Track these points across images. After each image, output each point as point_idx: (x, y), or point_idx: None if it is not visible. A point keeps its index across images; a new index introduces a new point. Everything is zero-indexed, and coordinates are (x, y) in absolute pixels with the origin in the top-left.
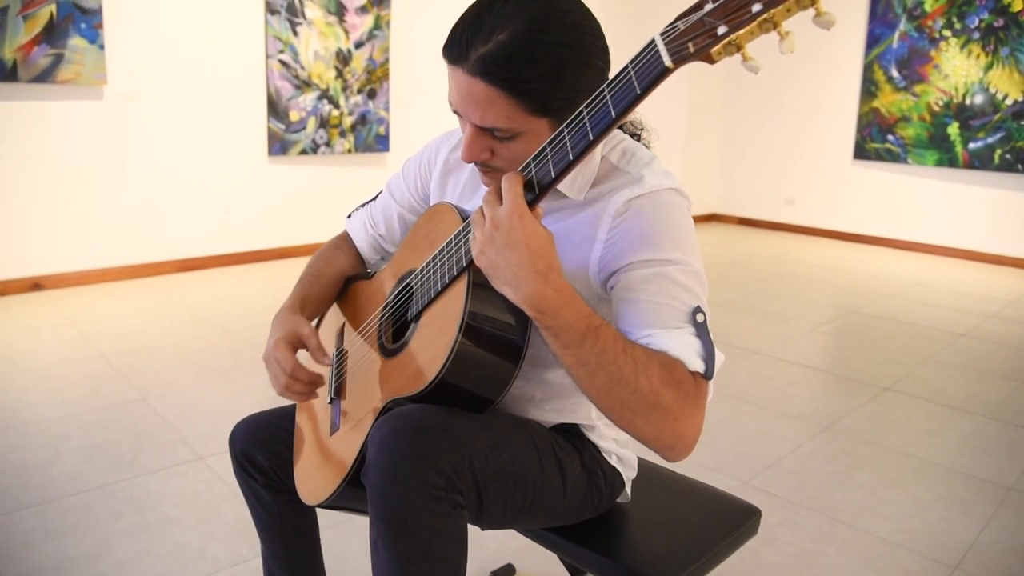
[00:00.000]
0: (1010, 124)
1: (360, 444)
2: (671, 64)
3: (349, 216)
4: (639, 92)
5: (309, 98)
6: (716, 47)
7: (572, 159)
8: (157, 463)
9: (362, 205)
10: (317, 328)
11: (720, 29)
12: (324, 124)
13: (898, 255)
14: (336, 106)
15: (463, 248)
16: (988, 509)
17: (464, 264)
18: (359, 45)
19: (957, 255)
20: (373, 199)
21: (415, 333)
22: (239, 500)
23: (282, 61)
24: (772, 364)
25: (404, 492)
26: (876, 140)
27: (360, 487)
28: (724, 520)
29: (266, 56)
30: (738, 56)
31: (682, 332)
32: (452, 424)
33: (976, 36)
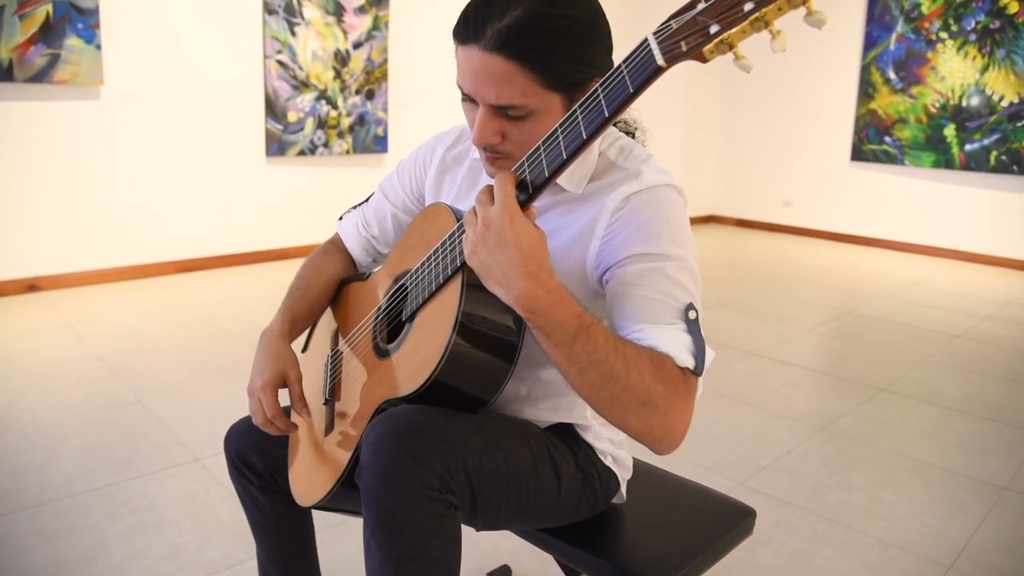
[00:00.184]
0: (1006, 126)
1: (354, 445)
2: (664, 63)
3: (340, 219)
4: (632, 91)
5: (307, 99)
6: (708, 46)
7: (566, 158)
8: (153, 465)
9: (353, 207)
10: (314, 327)
11: (712, 28)
12: (322, 125)
13: (895, 256)
14: (334, 107)
15: (457, 248)
16: (983, 509)
17: (458, 264)
18: (357, 46)
19: (954, 256)
20: (365, 201)
21: (409, 333)
22: (235, 502)
23: (280, 61)
24: (769, 365)
25: (398, 493)
26: (873, 142)
27: (354, 488)
28: (719, 520)
29: (264, 56)
30: (730, 55)
31: (674, 328)
32: (446, 425)
33: (973, 38)
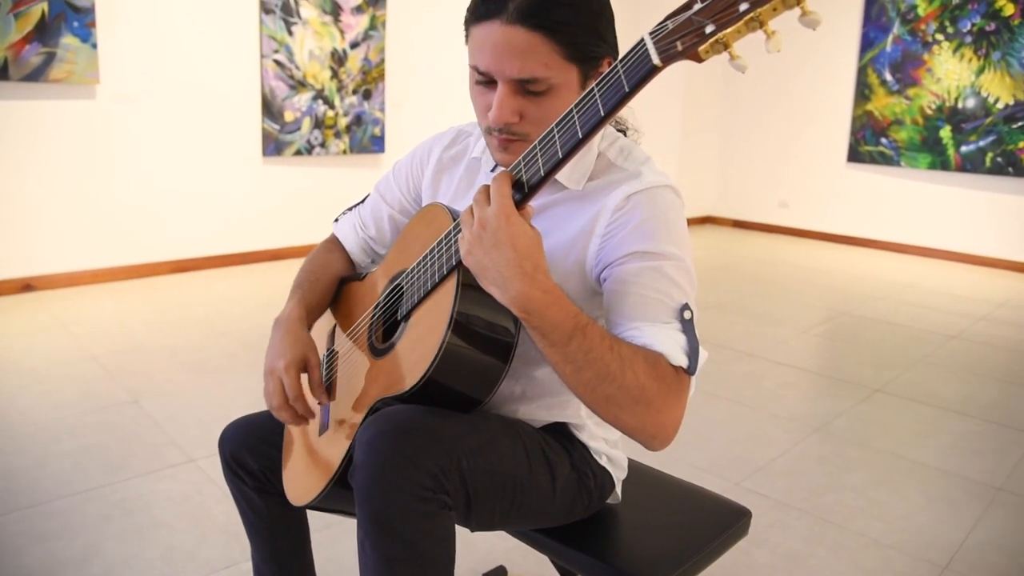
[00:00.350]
0: (1001, 128)
1: (348, 445)
2: (659, 62)
3: (336, 220)
4: (627, 90)
5: (304, 98)
6: (704, 45)
7: (561, 157)
8: (147, 466)
9: (349, 209)
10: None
11: (708, 28)
12: (319, 125)
13: (891, 257)
14: (331, 107)
15: (453, 247)
16: (977, 510)
17: (454, 263)
18: (354, 45)
19: (949, 257)
20: (360, 202)
21: (404, 332)
22: (230, 503)
23: (277, 61)
24: (765, 366)
25: (391, 493)
26: (869, 143)
27: (348, 488)
28: (714, 521)
29: (261, 56)
30: (726, 55)
31: (669, 327)
32: (439, 424)
33: (968, 40)
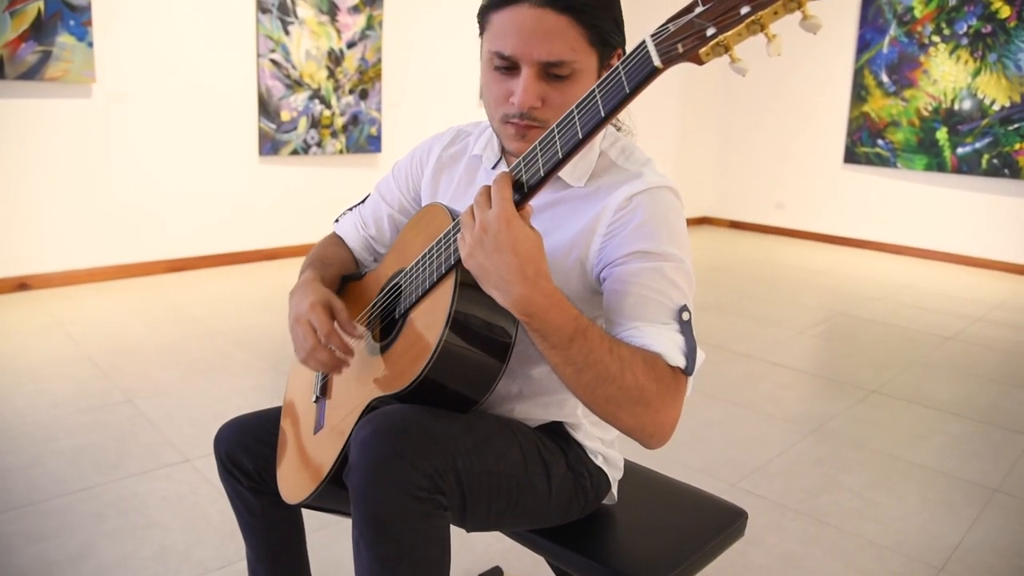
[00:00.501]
0: (997, 129)
1: (343, 443)
2: (660, 64)
3: (337, 221)
4: (628, 92)
5: (300, 98)
6: (704, 48)
7: (561, 157)
8: (142, 465)
9: (349, 209)
10: None
11: (709, 30)
12: (315, 124)
13: (887, 259)
14: (328, 106)
15: (452, 247)
16: (973, 511)
17: (452, 262)
18: (351, 45)
19: (945, 259)
20: (361, 203)
21: (401, 331)
22: (225, 502)
23: (273, 60)
24: (761, 367)
25: (386, 493)
26: (866, 144)
27: (342, 487)
28: (710, 522)
29: (257, 55)
30: (726, 58)
31: (668, 328)
32: (435, 424)
33: (965, 42)
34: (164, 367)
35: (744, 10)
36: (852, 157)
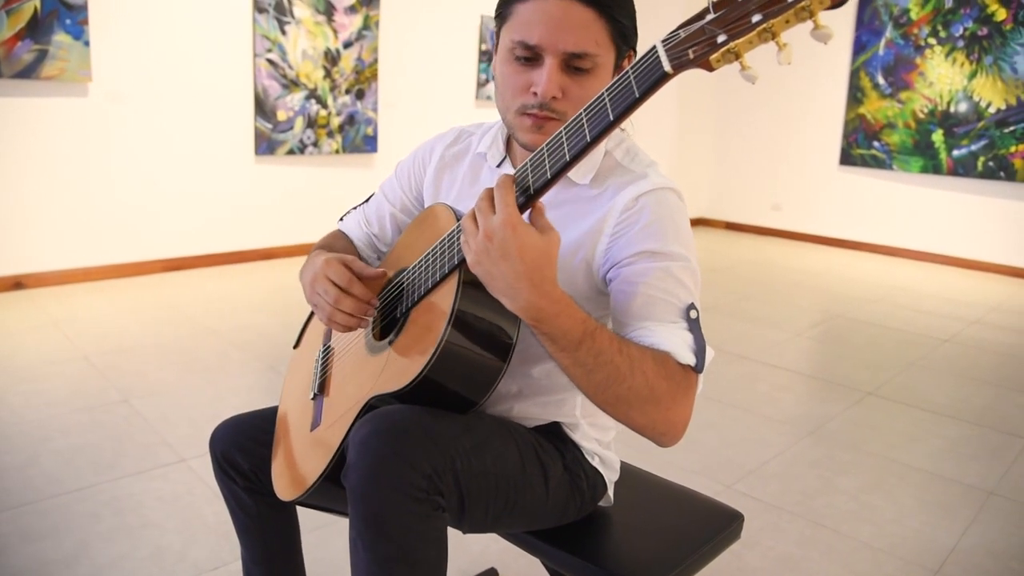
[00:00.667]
0: (993, 132)
1: (340, 440)
2: (671, 70)
3: (341, 219)
4: (638, 96)
5: (297, 98)
6: (715, 55)
7: (568, 160)
8: (138, 465)
9: (354, 208)
10: (307, 323)
11: (720, 38)
12: (312, 124)
13: (883, 260)
14: (324, 106)
15: (455, 247)
16: (969, 514)
17: (456, 262)
18: (348, 45)
19: (941, 261)
20: (365, 201)
21: (402, 330)
22: (220, 503)
23: (270, 60)
24: (758, 368)
25: (384, 493)
26: (862, 146)
27: (338, 485)
28: (707, 524)
29: (254, 55)
30: (736, 64)
31: (676, 327)
32: (434, 425)
33: (960, 44)
34: (160, 367)
35: (756, 18)
36: (848, 159)
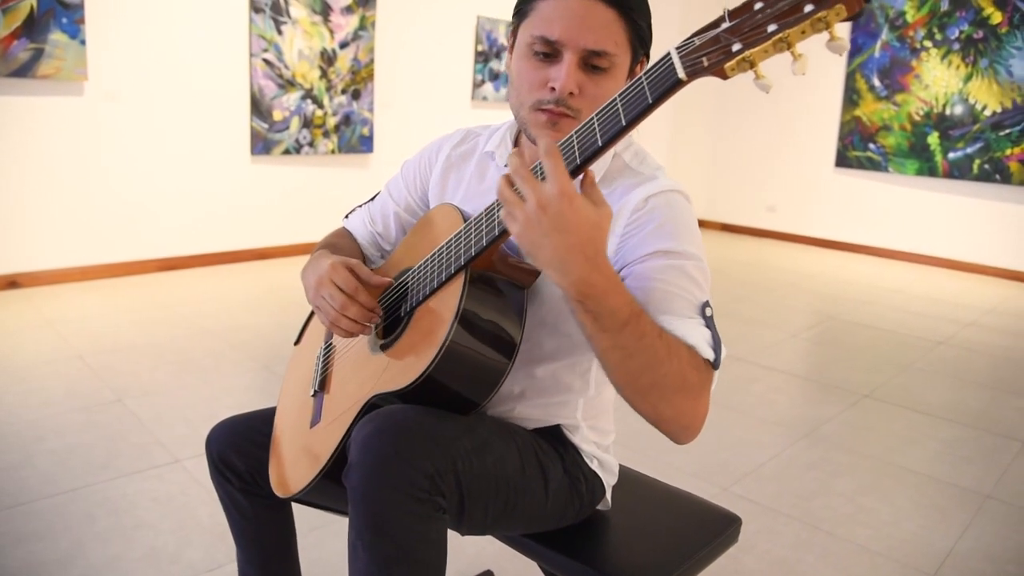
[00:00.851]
0: (989, 135)
1: (340, 437)
2: (685, 76)
3: (347, 216)
4: (651, 102)
5: (293, 98)
6: (730, 63)
7: (579, 163)
8: (132, 466)
9: (359, 206)
10: (309, 320)
11: (735, 46)
12: (308, 124)
13: (878, 262)
14: (320, 106)
15: (462, 247)
16: (966, 517)
17: (463, 262)
18: (344, 45)
19: (936, 263)
20: (371, 200)
21: (407, 328)
22: (215, 504)
23: (266, 60)
24: (753, 370)
25: (387, 493)
26: (858, 148)
27: (336, 483)
28: (705, 528)
29: (250, 55)
30: (751, 73)
31: (694, 322)
32: (436, 425)
33: (956, 47)
34: (155, 367)
35: (771, 28)
36: (844, 161)
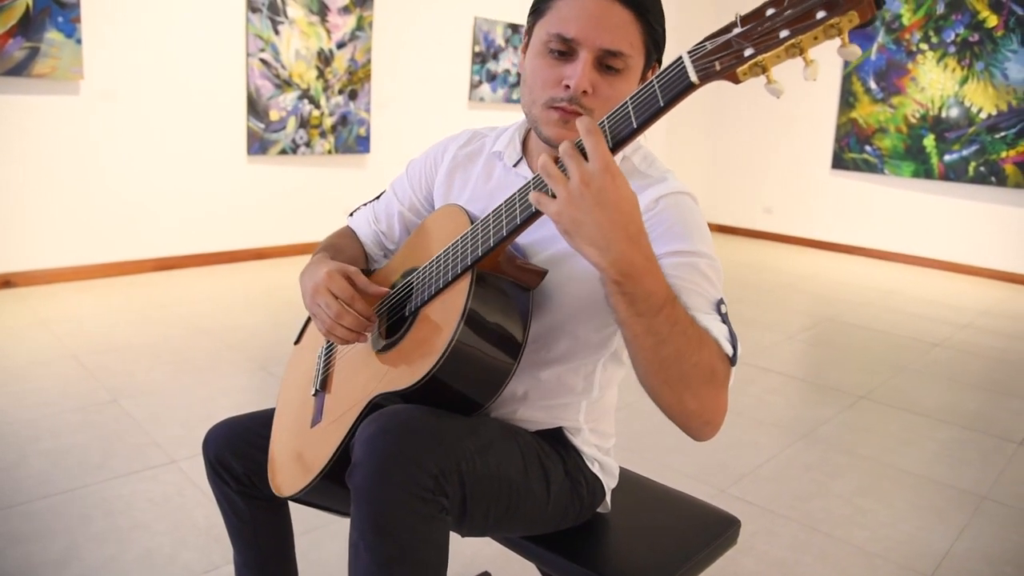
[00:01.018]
0: (984, 137)
1: (342, 437)
2: (697, 80)
3: (351, 215)
4: (662, 105)
5: (289, 98)
6: (742, 67)
7: None
8: (128, 466)
9: (364, 204)
10: (309, 320)
11: (747, 51)
12: (304, 124)
13: (874, 264)
14: (317, 106)
15: (469, 247)
16: (962, 518)
17: (469, 263)
18: (341, 45)
19: (932, 265)
20: (376, 198)
21: (411, 328)
22: (211, 505)
23: (263, 60)
24: (750, 372)
25: (391, 492)
26: (854, 150)
27: (336, 483)
28: (704, 530)
29: (247, 54)
30: (763, 78)
31: (712, 317)
32: (441, 425)
33: (952, 50)
34: (150, 367)
35: (783, 34)
36: (840, 163)
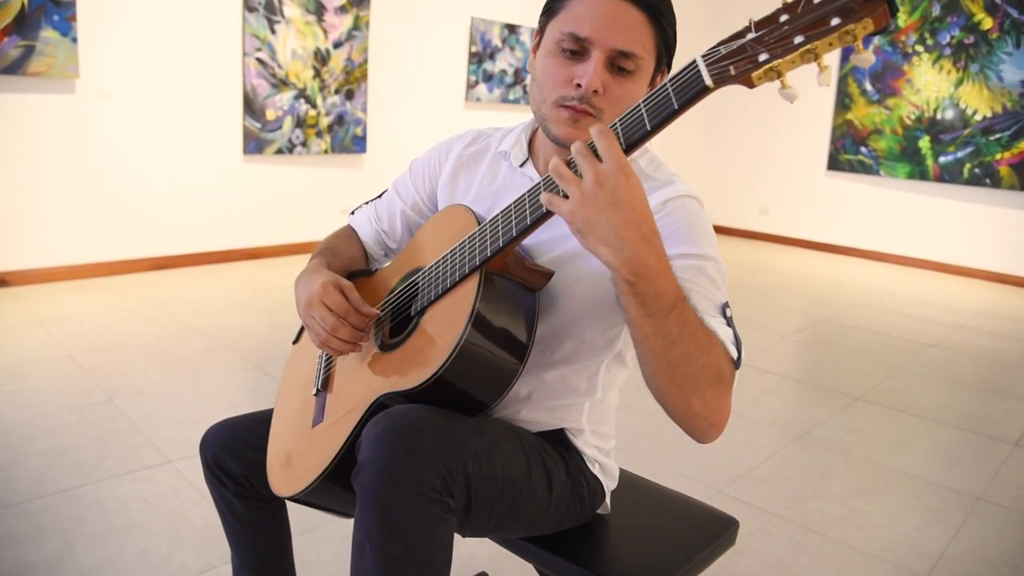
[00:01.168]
0: (979, 139)
1: (345, 437)
2: (711, 83)
3: (352, 213)
4: (676, 107)
5: (286, 97)
6: (757, 72)
7: None
8: (123, 467)
9: (365, 203)
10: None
11: (761, 56)
12: (301, 124)
13: (870, 265)
14: (313, 106)
15: (476, 248)
16: (958, 519)
17: (477, 263)
18: (337, 45)
19: (927, 266)
20: (378, 197)
21: (417, 328)
22: (208, 505)
23: (259, 59)
24: (746, 372)
25: (398, 492)
26: (849, 152)
27: (337, 483)
28: (703, 531)
29: (243, 54)
30: (777, 83)
31: (717, 320)
32: (448, 425)
33: (947, 52)
34: (146, 367)
35: (798, 40)
36: (836, 164)
